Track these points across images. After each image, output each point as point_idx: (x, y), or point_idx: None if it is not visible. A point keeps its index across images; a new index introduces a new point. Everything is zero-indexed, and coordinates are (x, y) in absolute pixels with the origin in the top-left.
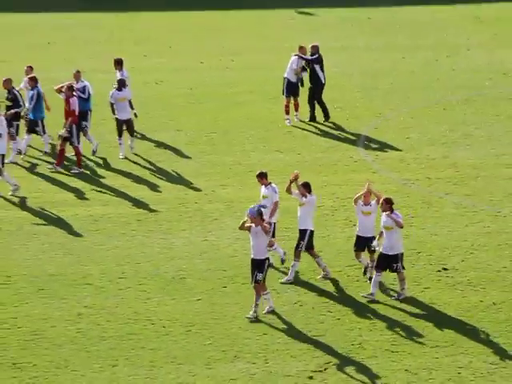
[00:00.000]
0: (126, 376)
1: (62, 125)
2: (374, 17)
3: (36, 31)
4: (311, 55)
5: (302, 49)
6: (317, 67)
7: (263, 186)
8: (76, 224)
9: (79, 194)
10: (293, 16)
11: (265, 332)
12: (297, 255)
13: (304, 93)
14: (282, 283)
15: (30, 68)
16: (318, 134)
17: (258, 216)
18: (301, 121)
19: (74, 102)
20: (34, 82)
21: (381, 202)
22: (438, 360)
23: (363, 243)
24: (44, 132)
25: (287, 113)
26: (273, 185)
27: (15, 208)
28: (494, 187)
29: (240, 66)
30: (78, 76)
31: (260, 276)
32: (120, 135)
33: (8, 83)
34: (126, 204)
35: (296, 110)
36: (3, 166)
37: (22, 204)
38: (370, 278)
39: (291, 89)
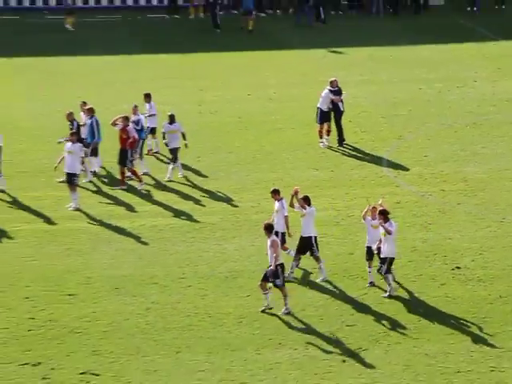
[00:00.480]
0: (187, 361)
1: (117, 151)
2: (394, 54)
3: (105, 71)
4: (332, 87)
5: (333, 82)
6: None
7: (276, 202)
8: (144, 233)
9: (144, 208)
10: (325, 55)
11: (305, 322)
12: (317, 258)
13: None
14: (319, 281)
15: (84, 103)
16: (347, 154)
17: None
18: (329, 147)
19: (131, 130)
20: (90, 112)
21: (377, 213)
22: (453, 345)
23: (372, 253)
24: (96, 155)
25: (321, 137)
26: (283, 200)
27: (92, 220)
28: (499, 198)
29: (281, 98)
30: (135, 110)
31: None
32: (174, 161)
33: (71, 116)
34: (186, 215)
35: (328, 134)
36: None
37: (98, 217)
38: (371, 283)
39: (323, 117)
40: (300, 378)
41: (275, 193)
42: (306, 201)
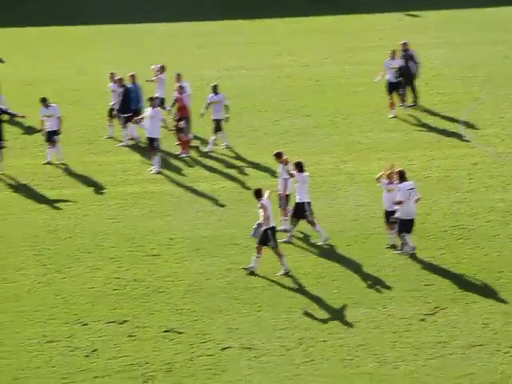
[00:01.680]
0: (268, 319)
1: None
2: (470, 16)
3: (187, 37)
4: (404, 51)
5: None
6: (409, 62)
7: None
8: (223, 195)
9: (223, 171)
10: (401, 18)
11: (382, 282)
12: (311, 223)
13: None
14: (321, 244)
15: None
16: (423, 116)
17: None
18: (408, 106)
19: (185, 99)
20: (132, 78)
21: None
22: None
23: (389, 216)
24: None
25: (392, 108)
26: (287, 164)
27: (174, 183)
28: None
29: (358, 61)
30: (178, 78)
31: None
32: (216, 131)
33: (119, 79)
34: (263, 177)
35: (402, 100)
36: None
37: (179, 180)
38: (393, 246)
39: (391, 87)
40: (379, 336)
41: (278, 156)
42: (298, 167)
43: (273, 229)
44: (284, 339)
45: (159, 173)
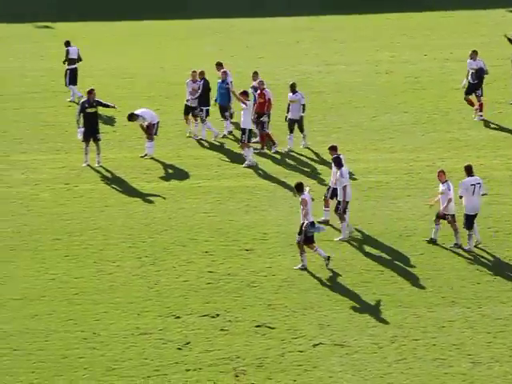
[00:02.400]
0: (360, 316)
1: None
2: None
3: (287, 32)
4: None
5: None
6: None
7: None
8: (318, 190)
9: (316, 167)
10: (504, 14)
11: (478, 281)
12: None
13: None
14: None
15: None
16: None
17: None
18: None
19: (267, 93)
20: (202, 75)
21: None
22: None
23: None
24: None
25: (472, 105)
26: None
27: (268, 178)
28: None
29: (458, 58)
30: (255, 77)
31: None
32: (291, 131)
33: (201, 74)
34: (360, 174)
35: (480, 109)
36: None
37: (273, 174)
38: (456, 244)
39: (469, 88)
40: (473, 336)
41: (332, 149)
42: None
43: (310, 224)
44: (376, 337)
45: (250, 166)
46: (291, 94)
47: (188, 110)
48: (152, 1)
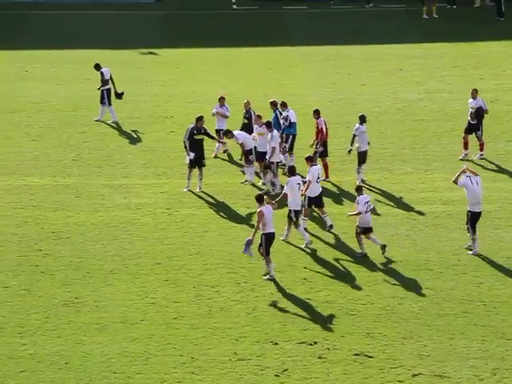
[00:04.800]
0: (461, 347)
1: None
2: None
3: (389, 59)
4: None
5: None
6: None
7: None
8: (419, 219)
9: (417, 195)
10: None
11: None
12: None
13: None
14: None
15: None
16: None
17: None
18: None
19: (320, 123)
20: (274, 105)
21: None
22: None
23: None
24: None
25: (466, 147)
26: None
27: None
28: None
29: None
30: (284, 105)
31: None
32: (359, 164)
33: (247, 104)
34: (461, 203)
35: (481, 149)
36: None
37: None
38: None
39: (467, 128)
40: None
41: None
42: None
43: (269, 235)
44: (477, 369)
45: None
46: (359, 125)
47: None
48: (256, 28)
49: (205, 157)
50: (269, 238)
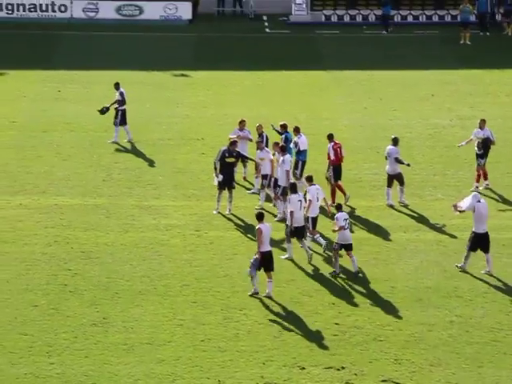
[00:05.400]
0: (490, 376)
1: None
2: None
3: (421, 85)
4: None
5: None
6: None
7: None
8: (449, 245)
9: (445, 222)
10: None
11: None
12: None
13: None
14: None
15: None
16: None
17: None
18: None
19: (329, 148)
20: (283, 128)
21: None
22: None
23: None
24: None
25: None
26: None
27: (399, 231)
28: None
29: None
30: (296, 130)
31: None
32: (389, 185)
33: (260, 128)
34: (495, 230)
35: (485, 178)
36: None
37: (402, 228)
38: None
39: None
40: None
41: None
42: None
43: (266, 253)
44: None
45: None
46: (392, 146)
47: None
48: (288, 52)
49: (235, 179)
50: (264, 256)
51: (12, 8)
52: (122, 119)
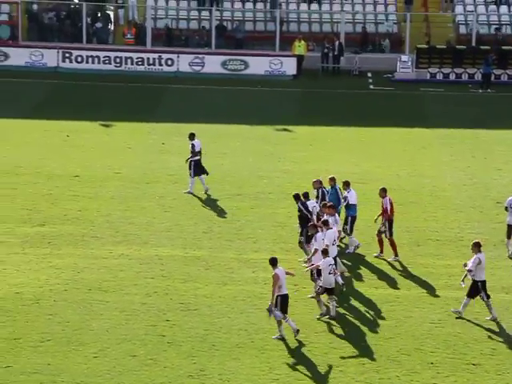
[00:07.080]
0: None
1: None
2: None
3: None
4: None
5: None
6: None
7: None
8: None
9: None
10: None
11: None
12: None
13: None
14: None
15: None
16: None
17: None
18: None
19: (385, 202)
20: (332, 181)
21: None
22: None
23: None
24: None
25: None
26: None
27: (497, 290)
28: None
29: None
30: (346, 184)
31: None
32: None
33: (317, 183)
34: None
35: None
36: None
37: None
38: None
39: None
40: None
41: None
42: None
43: (285, 296)
44: None
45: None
46: None
47: None
48: (392, 108)
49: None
50: (283, 299)
51: (120, 61)
52: (195, 170)
